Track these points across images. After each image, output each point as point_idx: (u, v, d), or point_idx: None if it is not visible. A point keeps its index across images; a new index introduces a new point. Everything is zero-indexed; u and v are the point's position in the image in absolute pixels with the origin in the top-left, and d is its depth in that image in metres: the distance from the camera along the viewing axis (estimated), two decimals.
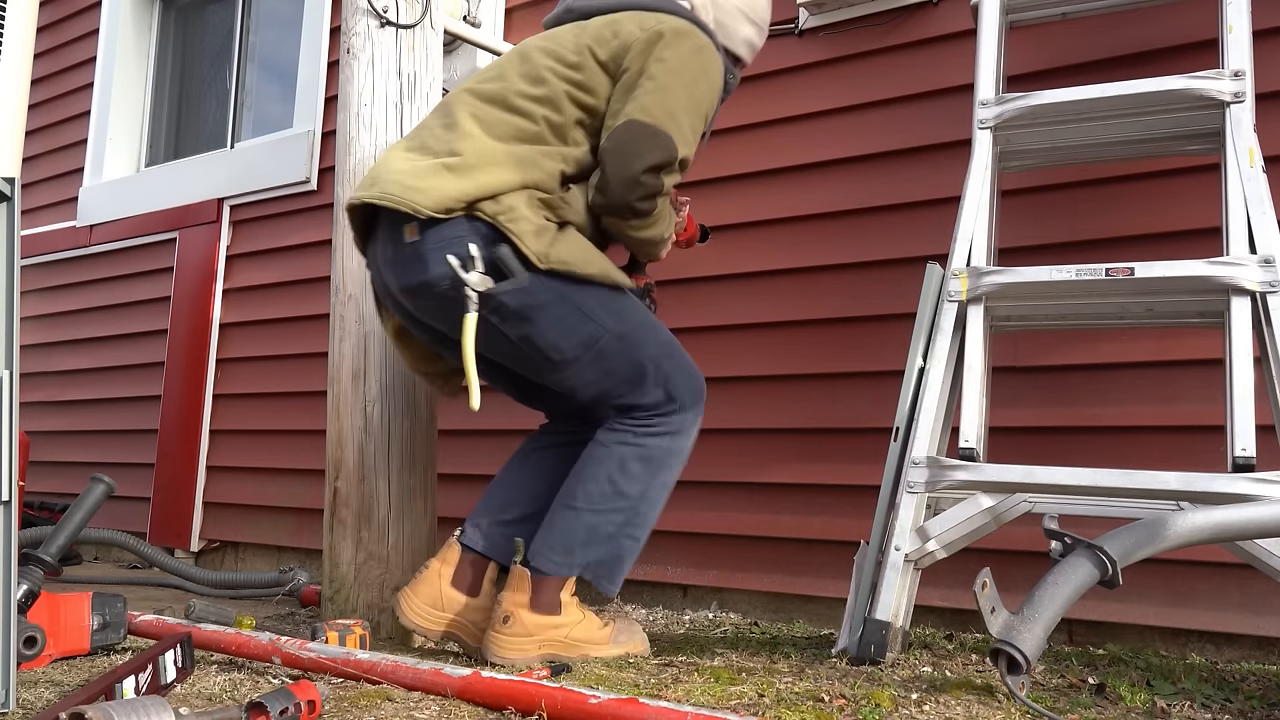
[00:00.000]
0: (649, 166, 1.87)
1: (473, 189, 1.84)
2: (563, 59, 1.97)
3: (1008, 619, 1.50)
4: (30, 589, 1.93)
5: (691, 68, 1.95)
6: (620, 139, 1.88)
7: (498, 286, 1.83)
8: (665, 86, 1.90)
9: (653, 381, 1.97)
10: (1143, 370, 2.23)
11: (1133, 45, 2.31)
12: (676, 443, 2.01)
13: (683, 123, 1.92)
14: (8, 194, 1.57)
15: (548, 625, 1.96)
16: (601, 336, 1.92)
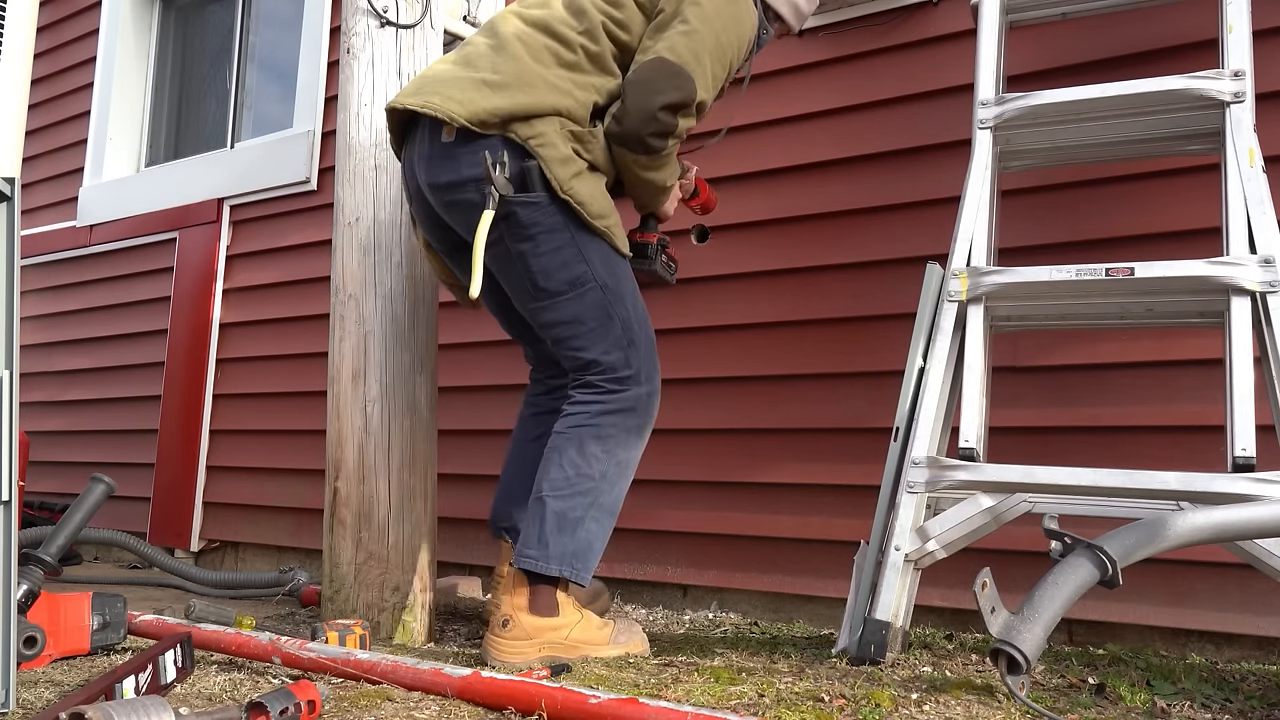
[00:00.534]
0: (667, 104, 1.94)
1: (508, 105, 1.93)
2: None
3: (1008, 619, 1.50)
4: (30, 589, 1.93)
5: (724, 14, 2.02)
6: (645, 74, 1.96)
7: (517, 195, 1.93)
8: (695, 30, 1.97)
9: (616, 341, 2.03)
10: (1143, 370, 2.23)
11: (1133, 45, 2.31)
12: (630, 420, 2.03)
13: (706, 67, 1.98)
14: (8, 194, 1.57)
15: (547, 627, 1.98)
16: (589, 282, 2.00)
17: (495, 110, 1.93)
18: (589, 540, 2.01)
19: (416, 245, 2.49)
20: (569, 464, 2.00)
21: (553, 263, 1.98)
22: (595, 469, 2.00)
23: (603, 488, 2.01)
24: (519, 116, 1.94)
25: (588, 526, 2.00)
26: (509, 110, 1.93)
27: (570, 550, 1.99)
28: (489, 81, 1.97)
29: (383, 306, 2.43)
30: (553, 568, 1.98)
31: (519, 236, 1.97)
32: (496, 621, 1.98)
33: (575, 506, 1.99)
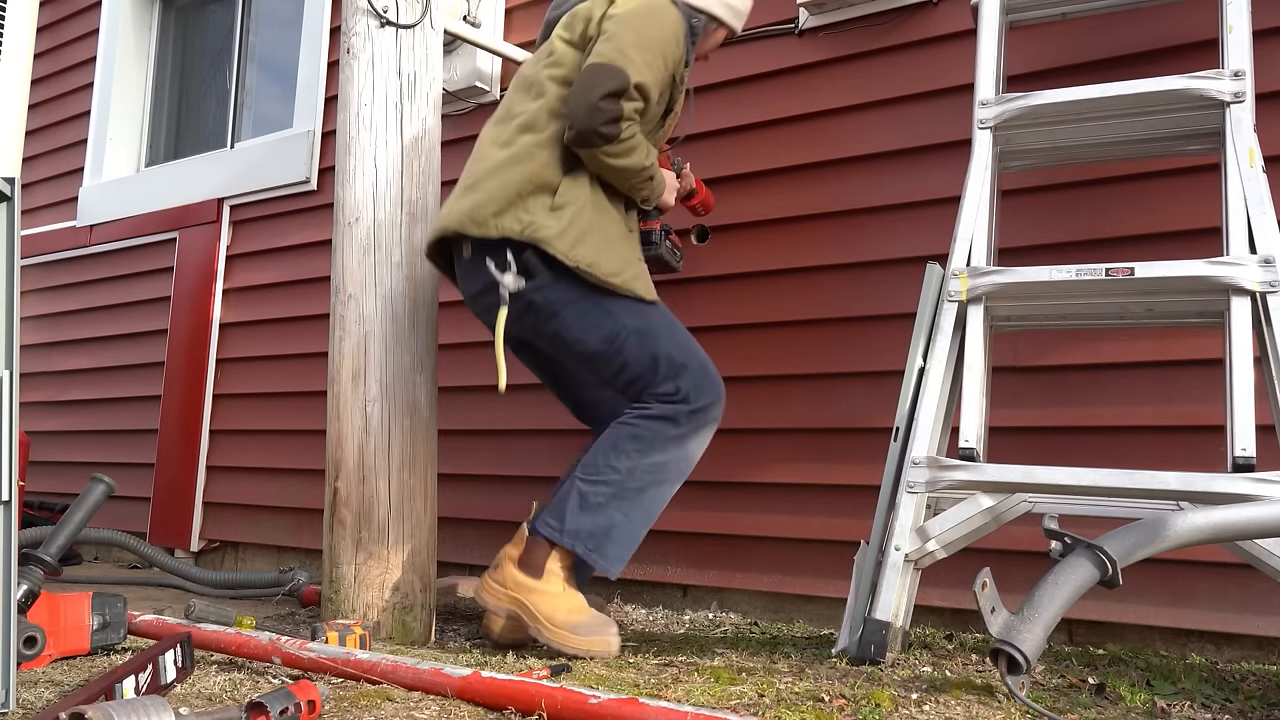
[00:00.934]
0: (605, 93, 2.04)
1: (485, 200, 2.10)
2: (540, 56, 2.26)
3: (1008, 619, 1.50)
4: (30, 589, 1.93)
5: (639, 15, 2.14)
6: (580, 79, 2.10)
7: (528, 285, 2.09)
8: (614, 34, 2.11)
9: (664, 375, 2.13)
10: (1142, 370, 2.23)
11: (1133, 45, 2.31)
12: (669, 429, 2.11)
13: (635, 58, 2.08)
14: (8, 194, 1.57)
15: (523, 584, 2.09)
16: (621, 332, 2.11)
17: (477, 212, 2.10)
18: (607, 526, 2.09)
19: (417, 246, 2.50)
20: (601, 455, 2.11)
21: (583, 329, 2.11)
22: (623, 464, 2.09)
23: (628, 483, 2.09)
24: (500, 210, 2.09)
25: (609, 514, 2.09)
26: (489, 207, 2.09)
27: (584, 529, 2.08)
28: (467, 185, 2.16)
29: (383, 306, 2.43)
30: (556, 535, 2.09)
31: (547, 317, 2.12)
32: (493, 563, 2.15)
33: (598, 493, 2.09)
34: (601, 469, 2.10)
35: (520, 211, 2.09)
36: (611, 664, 1.98)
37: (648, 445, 2.10)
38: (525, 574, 2.10)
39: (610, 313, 2.11)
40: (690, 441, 2.14)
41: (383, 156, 2.48)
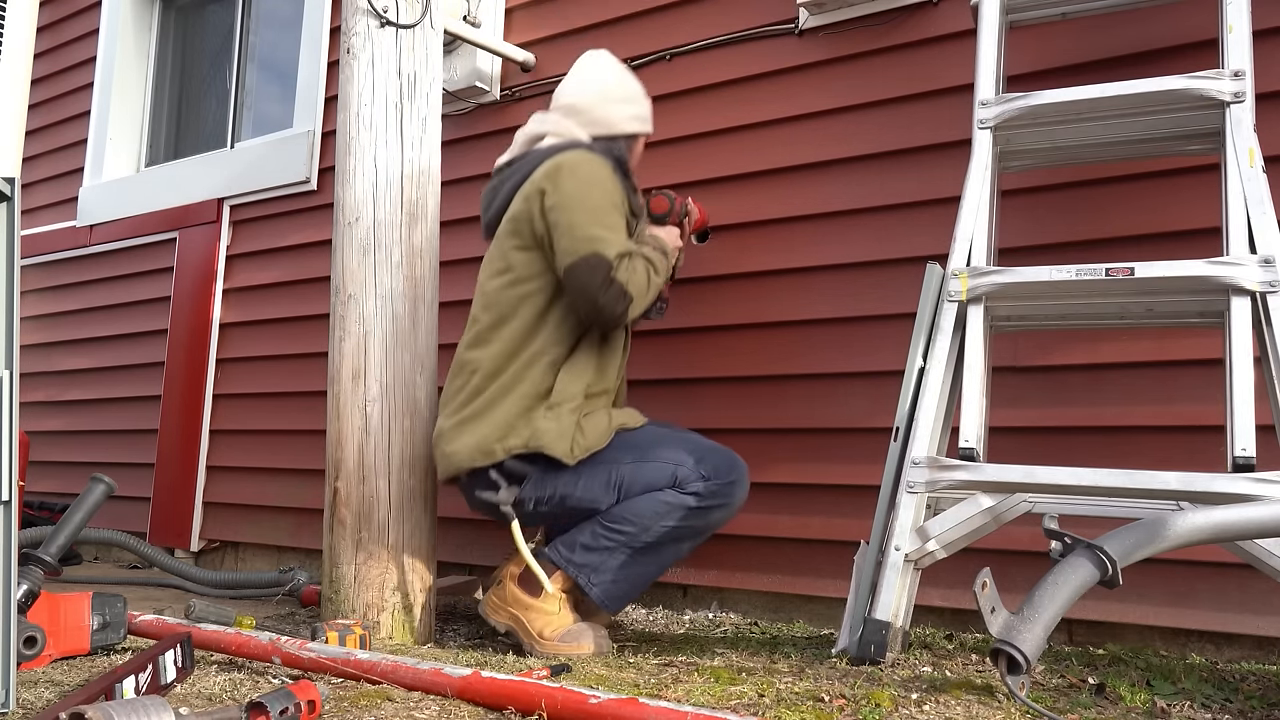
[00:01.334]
0: (601, 285, 2.15)
1: (489, 431, 2.19)
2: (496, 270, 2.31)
3: (1008, 619, 1.50)
4: (30, 589, 1.93)
5: (578, 191, 2.22)
6: (572, 286, 2.18)
7: (523, 490, 2.20)
8: (569, 223, 2.19)
9: (681, 479, 2.18)
10: (1142, 370, 2.23)
11: (1133, 45, 2.31)
12: (695, 501, 2.17)
13: (600, 233, 2.18)
14: (8, 194, 1.57)
15: (521, 602, 2.19)
16: (613, 473, 2.19)
17: (485, 444, 2.19)
18: (614, 565, 2.17)
19: (417, 246, 2.50)
20: (629, 507, 2.18)
21: (587, 488, 2.18)
22: (642, 522, 2.16)
23: (643, 537, 2.17)
24: (504, 435, 2.19)
25: (618, 556, 2.18)
26: (494, 438, 2.19)
27: (591, 563, 2.18)
28: (465, 417, 2.24)
29: (382, 306, 2.43)
30: (561, 561, 2.19)
31: (552, 502, 2.20)
32: (494, 578, 2.28)
33: (611, 537, 2.17)
34: (619, 519, 2.17)
35: (522, 427, 2.19)
36: (611, 664, 1.98)
37: (666, 512, 2.17)
38: (525, 592, 2.20)
39: (602, 462, 2.19)
40: (713, 514, 2.20)
41: (383, 156, 2.48)
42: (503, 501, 2.19)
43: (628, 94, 2.42)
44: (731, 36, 2.86)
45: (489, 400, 2.22)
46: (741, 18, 2.86)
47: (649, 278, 2.24)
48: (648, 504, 2.16)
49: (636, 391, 2.92)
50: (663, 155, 2.95)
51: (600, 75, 2.43)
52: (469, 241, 3.29)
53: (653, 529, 2.16)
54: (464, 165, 3.38)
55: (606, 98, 2.39)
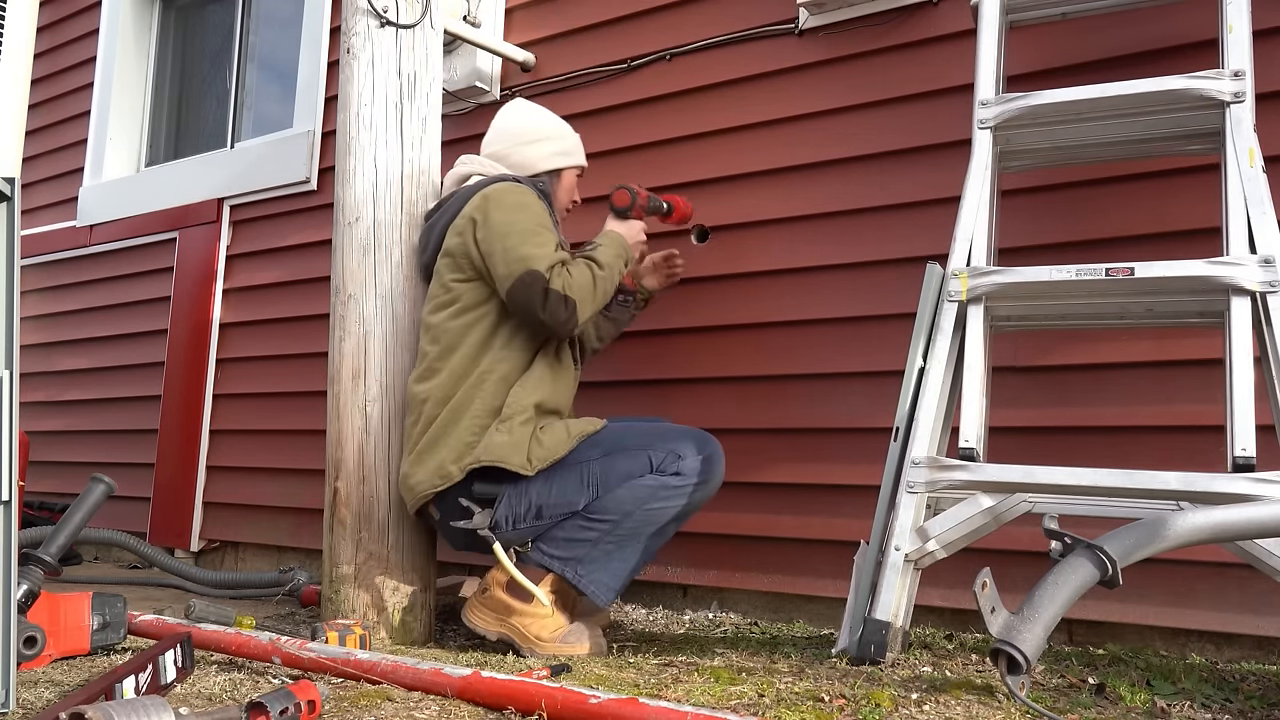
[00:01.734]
0: (539, 301, 2.19)
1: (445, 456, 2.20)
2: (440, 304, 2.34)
3: (1008, 619, 1.50)
4: (30, 589, 1.93)
5: (504, 219, 2.27)
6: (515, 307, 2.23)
7: (496, 513, 2.19)
8: (500, 250, 2.24)
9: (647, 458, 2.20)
10: (1142, 370, 2.23)
11: (1133, 45, 2.31)
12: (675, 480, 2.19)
13: (530, 251, 2.22)
14: (8, 194, 1.57)
15: (512, 609, 2.18)
16: (593, 467, 2.20)
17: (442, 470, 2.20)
18: (599, 556, 2.19)
19: (417, 246, 2.50)
20: (610, 497, 2.18)
21: (562, 491, 2.19)
22: (622, 509, 2.18)
23: (625, 525, 2.18)
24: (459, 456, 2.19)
25: (603, 547, 2.19)
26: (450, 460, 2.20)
27: (575, 556, 2.19)
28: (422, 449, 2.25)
29: (382, 306, 2.43)
30: (546, 559, 2.20)
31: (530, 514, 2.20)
32: (479, 587, 2.25)
33: (593, 526, 2.19)
34: (600, 510, 2.18)
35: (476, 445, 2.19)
36: (611, 664, 1.98)
37: (649, 495, 2.18)
38: (514, 598, 2.19)
39: (570, 463, 2.20)
40: (695, 493, 2.23)
41: (383, 156, 2.48)
42: (478, 526, 2.18)
43: (541, 134, 2.52)
44: (731, 36, 2.86)
45: (443, 425, 2.23)
46: (741, 17, 2.86)
47: (593, 276, 2.28)
48: (629, 491, 2.17)
49: (636, 391, 2.92)
50: (663, 155, 2.95)
51: (511, 122, 2.54)
52: None
53: (635, 514, 2.17)
54: None
55: (519, 141, 2.49)
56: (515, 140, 2.50)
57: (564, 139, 2.55)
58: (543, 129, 2.54)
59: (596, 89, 3.13)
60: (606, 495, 2.17)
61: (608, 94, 3.10)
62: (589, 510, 2.18)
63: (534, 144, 2.50)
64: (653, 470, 2.18)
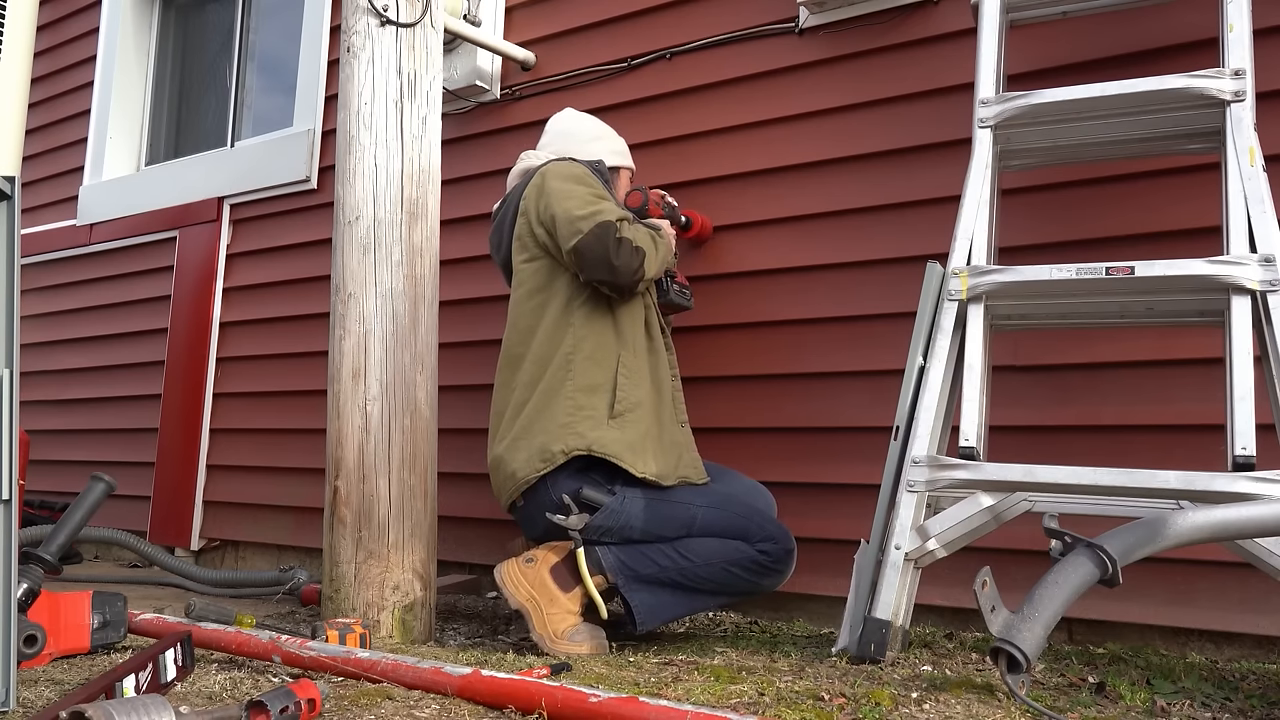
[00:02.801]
0: (609, 251, 2.18)
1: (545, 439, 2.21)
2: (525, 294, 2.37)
3: (1008, 618, 1.50)
4: (30, 587, 1.93)
5: (562, 186, 2.31)
6: (585, 262, 2.22)
7: (593, 520, 2.17)
8: (561, 214, 2.26)
9: (743, 529, 2.23)
10: (1143, 369, 2.23)
11: (1133, 44, 2.31)
12: (762, 559, 2.21)
13: (590, 207, 2.24)
14: (8, 193, 1.57)
15: (544, 591, 2.16)
16: (694, 512, 2.23)
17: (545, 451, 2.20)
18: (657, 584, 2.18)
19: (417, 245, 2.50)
20: (700, 542, 2.20)
21: (659, 522, 2.20)
22: (705, 558, 2.19)
23: (698, 573, 2.19)
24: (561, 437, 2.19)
25: (667, 575, 2.19)
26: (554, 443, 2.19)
27: (632, 568, 2.17)
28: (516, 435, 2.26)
29: (382, 305, 2.43)
30: (607, 559, 2.17)
31: (620, 530, 2.19)
32: (524, 554, 2.21)
33: (671, 559, 2.19)
34: (686, 549, 2.19)
35: (584, 429, 2.18)
36: (612, 663, 1.98)
37: (736, 561, 2.20)
38: (554, 583, 2.17)
39: (678, 501, 2.22)
40: (767, 578, 2.24)
41: (383, 155, 2.48)
42: (573, 527, 2.16)
43: (598, 134, 2.61)
44: (731, 36, 2.86)
45: (536, 409, 2.24)
46: (742, 17, 2.86)
47: (652, 240, 2.31)
48: (719, 546, 2.19)
49: None
50: (663, 154, 2.95)
51: (567, 125, 2.62)
52: (469, 240, 3.30)
53: (715, 567, 2.19)
54: (464, 164, 3.38)
55: (578, 139, 2.56)
56: (574, 139, 2.56)
57: (618, 141, 2.63)
58: (598, 130, 2.63)
59: (597, 88, 3.13)
60: (699, 539, 2.19)
61: (608, 93, 3.10)
62: (678, 544, 2.19)
63: (593, 142, 2.57)
64: (744, 539, 2.20)
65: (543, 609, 2.15)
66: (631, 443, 2.20)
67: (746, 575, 2.20)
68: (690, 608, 2.25)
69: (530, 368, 2.29)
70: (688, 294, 2.63)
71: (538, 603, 2.16)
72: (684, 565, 2.18)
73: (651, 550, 2.18)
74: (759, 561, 2.20)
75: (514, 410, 2.29)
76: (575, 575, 2.17)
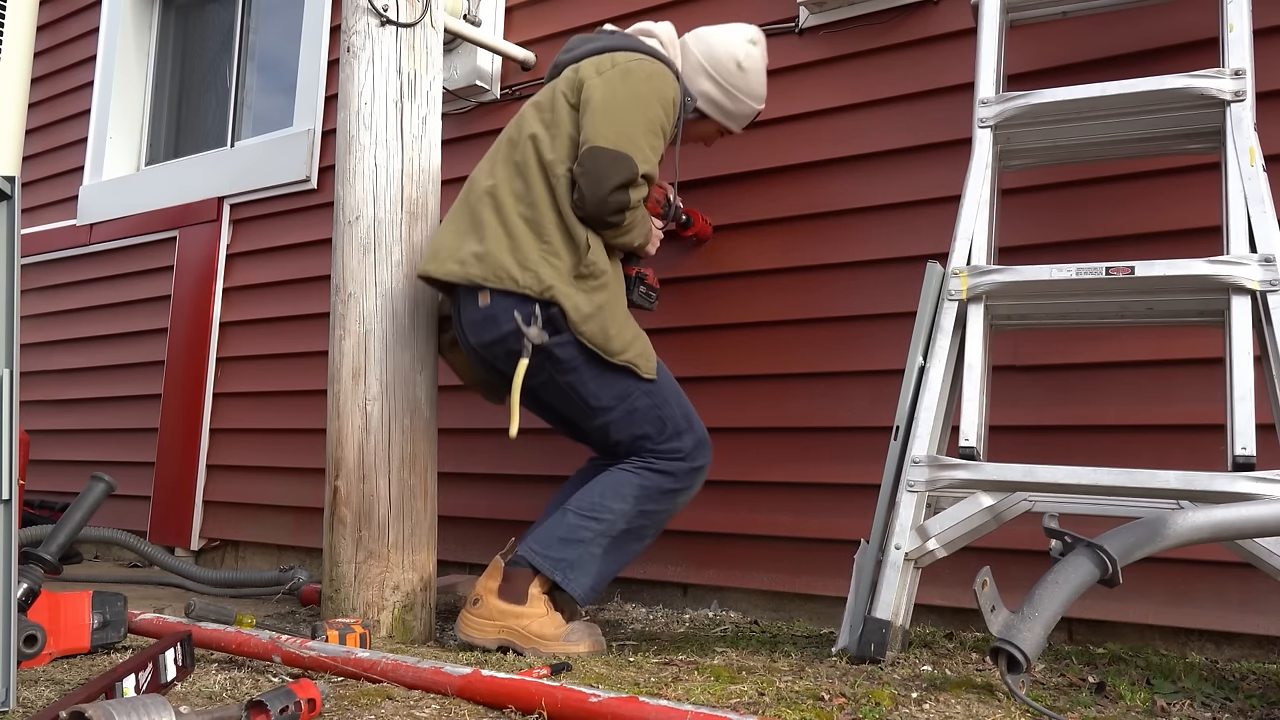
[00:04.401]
0: (615, 186, 2.15)
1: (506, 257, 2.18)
2: (544, 106, 2.30)
3: (1008, 618, 1.50)
4: (30, 587, 1.93)
5: (643, 93, 2.24)
6: (589, 164, 2.16)
7: (552, 339, 2.16)
8: (623, 112, 2.19)
9: (668, 435, 2.24)
10: (1143, 369, 2.23)
11: (1133, 44, 2.31)
12: (668, 481, 2.23)
13: (641, 144, 2.19)
14: (8, 193, 1.57)
15: (510, 613, 2.15)
16: (634, 391, 2.23)
17: (498, 267, 2.17)
18: (586, 560, 2.18)
19: (417, 245, 2.50)
20: (599, 493, 2.21)
21: (599, 384, 2.21)
22: (619, 507, 2.19)
23: (619, 525, 2.19)
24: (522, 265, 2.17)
25: (590, 549, 2.19)
26: (510, 265, 2.17)
27: (564, 557, 2.17)
28: (480, 233, 2.22)
29: (383, 305, 2.43)
30: (538, 560, 2.17)
31: (562, 370, 2.21)
32: (469, 598, 2.19)
33: (588, 527, 2.19)
34: (598, 507, 2.19)
35: (542, 269, 2.16)
36: (612, 663, 1.98)
37: (646, 495, 2.21)
38: (510, 603, 2.16)
39: (623, 374, 2.22)
40: (680, 496, 2.26)
41: (383, 155, 2.48)
42: (533, 339, 2.14)
43: (723, 75, 2.43)
44: None
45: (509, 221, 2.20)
46: (741, 16, 2.85)
47: (638, 235, 2.29)
48: (620, 490, 2.19)
49: None
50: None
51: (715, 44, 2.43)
52: None
53: (632, 515, 2.19)
54: (464, 164, 3.37)
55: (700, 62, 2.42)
56: (694, 56, 2.44)
57: (739, 101, 2.46)
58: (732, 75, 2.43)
59: None
60: (599, 490, 2.19)
61: None
62: (584, 506, 2.18)
63: (705, 78, 2.43)
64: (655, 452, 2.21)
65: (518, 629, 2.14)
66: (579, 304, 2.16)
67: (662, 505, 2.22)
68: (622, 563, 2.24)
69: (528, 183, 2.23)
70: (653, 298, 2.57)
71: (511, 629, 2.14)
72: (604, 527, 2.18)
73: (563, 528, 2.17)
74: (669, 489, 2.21)
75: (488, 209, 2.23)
76: (522, 586, 2.16)
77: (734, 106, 2.46)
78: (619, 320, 2.22)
